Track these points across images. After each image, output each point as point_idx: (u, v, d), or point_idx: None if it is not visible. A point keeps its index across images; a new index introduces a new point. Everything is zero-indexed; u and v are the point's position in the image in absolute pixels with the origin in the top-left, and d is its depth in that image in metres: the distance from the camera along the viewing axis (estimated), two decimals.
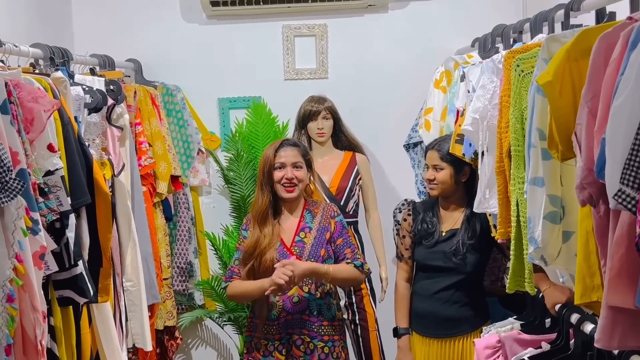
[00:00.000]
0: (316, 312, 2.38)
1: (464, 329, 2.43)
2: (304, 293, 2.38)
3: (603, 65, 1.27)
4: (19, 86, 1.61)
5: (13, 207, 1.47)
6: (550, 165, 1.55)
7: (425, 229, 2.50)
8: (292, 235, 2.42)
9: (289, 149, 2.42)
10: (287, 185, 2.38)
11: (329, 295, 2.44)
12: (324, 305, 2.40)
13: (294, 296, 2.36)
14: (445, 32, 3.37)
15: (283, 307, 2.36)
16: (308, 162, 2.45)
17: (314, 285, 2.39)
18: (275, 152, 2.40)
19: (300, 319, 2.37)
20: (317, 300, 2.39)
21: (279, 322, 2.37)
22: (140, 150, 2.75)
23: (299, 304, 2.37)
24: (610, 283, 1.22)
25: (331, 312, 2.42)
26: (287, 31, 3.44)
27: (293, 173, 2.37)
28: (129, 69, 3.26)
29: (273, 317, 2.37)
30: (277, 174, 2.38)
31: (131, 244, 2.38)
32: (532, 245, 1.62)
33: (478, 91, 2.13)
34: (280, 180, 2.38)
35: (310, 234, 2.42)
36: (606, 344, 1.27)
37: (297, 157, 2.41)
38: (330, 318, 2.41)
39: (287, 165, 2.38)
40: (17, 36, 2.18)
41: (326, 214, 2.46)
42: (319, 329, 2.38)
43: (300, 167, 2.40)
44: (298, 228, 2.43)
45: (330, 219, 2.45)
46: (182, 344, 3.44)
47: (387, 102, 3.44)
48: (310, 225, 2.43)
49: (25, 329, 1.55)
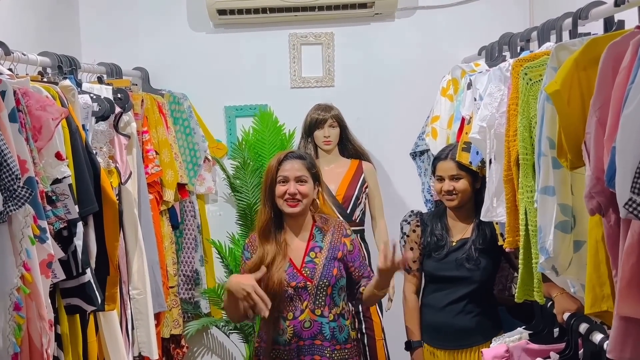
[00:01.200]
0: (329, 336, 2.21)
1: (477, 340, 2.40)
2: (316, 316, 2.21)
3: (612, 73, 1.26)
4: (27, 94, 1.62)
5: (21, 215, 1.48)
6: (560, 174, 1.54)
7: (436, 242, 2.47)
8: (301, 256, 2.25)
9: (294, 162, 2.25)
10: (290, 201, 2.21)
11: (342, 316, 2.27)
12: (337, 328, 2.23)
13: (306, 320, 2.21)
14: (451, 41, 3.37)
15: (294, 332, 2.20)
16: (314, 176, 2.28)
17: (327, 308, 2.22)
18: (278, 165, 2.25)
19: (312, 345, 2.21)
20: (330, 323, 2.22)
21: (290, 347, 2.21)
22: (147, 159, 2.75)
23: (310, 329, 2.21)
24: (621, 293, 1.21)
25: (344, 334, 2.25)
26: (294, 39, 3.45)
27: (296, 188, 2.21)
28: (136, 77, 3.28)
29: (283, 342, 2.21)
30: (280, 189, 2.22)
31: (138, 252, 2.38)
32: (543, 255, 1.61)
33: (485, 99, 2.12)
34: (282, 195, 2.21)
35: (321, 254, 2.25)
36: (618, 355, 1.26)
37: (302, 170, 2.24)
38: (343, 341, 2.25)
39: (290, 179, 2.21)
40: (25, 45, 2.19)
41: (337, 232, 2.31)
42: (332, 354, 2.21)
43: (305, 182, 2.23)
44: (307, 248, 2.27)
45: (343, 237, 2.30)
46: (188, 353, 3.43)
47: (394, 110, 3.44)
48: (320, 245, 2.27)
49: (32, 337, 1.55)
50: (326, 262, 2.24)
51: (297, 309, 2.21)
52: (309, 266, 2.24)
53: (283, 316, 2.21)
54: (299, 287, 2.21)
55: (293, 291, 2.21)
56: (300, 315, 2.21)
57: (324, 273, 2.22)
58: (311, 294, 2.21)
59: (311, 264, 2.24)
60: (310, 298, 2.21)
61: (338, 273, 2.24)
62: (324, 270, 2.22)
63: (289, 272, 2.22)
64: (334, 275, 2.23)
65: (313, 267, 2.23)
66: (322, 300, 2.22)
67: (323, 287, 2.21)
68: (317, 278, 2.21)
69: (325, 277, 2.22)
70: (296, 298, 2.21)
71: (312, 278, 2.22)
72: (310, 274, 2.22)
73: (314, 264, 2.24)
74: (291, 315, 2.21)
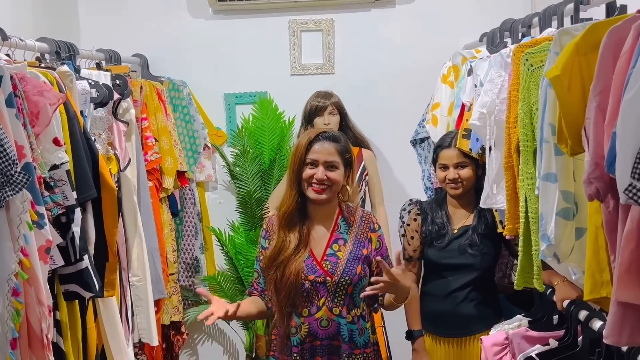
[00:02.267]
0: (347, 338, 2.04)
1: (479, 328, 2.40)
2: (334, 316, 2.03)
3: (612, 59, 1.25)
4: (24, 80, 1.61)
5: (18, 200, 1.47)
6: (563, 160, 1.53)
7: (437, 230, 2.45)
8: (323, 247, 2.07)
9: (326, 143, 2.03)
10: (317, 187, 2.02)
11: (362, 318, 2.08)
12: (356, 330, 2.06)
13: (323, 319, 2.03)
14: (452, 27, 3.35)
15: (309, 331, 2.03)
16: (347, 162, 2.07)
17: (345, 308, 2.04)
18: (307, 145, 2.03)
19: (329, 345, 2.04)
20: (348, 324, 2.05)
21: (303, 347, 2.04)
22: (147, 146, 2.75)
23: (328, 328, 2.04)
24: (619, 278, 1.20)
25: (363, 337, 2.07)
26: (294, 26, 3.43)
27: (325, 174, 2.01)
28: (135, 64, 3.26)
29: (297, 342, 2.03)
30: (307, 172, 2.02)
31: (137, 239, 2.38)
32: (545, 243, 1.61)
33: (486, 85, 2.11)
34: (309, 180, 2.02)
35: (345, 248, 2.07)
36: (615, 340, 1.26)
37: (333, 155, 2.03)
38: (363, 345, 2.07)
39: (320, 163, 2.02)
40: (23, 30, 2.18)
41: (365, 225, 2.12)
42: (349, 357, 2.04)
43: (335, 168, 2.03)
44: (330, 239, 2.08)
45: (370, 232, 2.12)
46: (188, 339, 3.44)
47: (394, 97, 3.43)
48: (345, 237, 2.09)
49: (31, 323, 1.55)
50: (350, 258, 2.05)
51: (314, 305, 2.04)
52: (331, 260, 2.05)
53: (297, 312, 2.04)
54: (317, 281, 2.03)
55: (310, 285, 2.03)
56: (316, 312, 2.03)
57: (346, 270, 2.03)
58: (330, 290, 2.03)
59: (333, 257, 2.06)
60: (328, 295, 2.03)
61: (362, 272, 2.06)
62: (347, 266, 2.04)
63: (308, 263, 2.04)
64: (357, 274, 2.04)
65: (335, 262, 2.05)
66: (340, 299, 2.04)
67: (343, 285, 2.03)
68: (339, 274, 2.03)
69: (347, 275, 2.03)
70: (313, 293, 2.03)
71: (333, 274, 2.03)
72: (332, 268, 2.04)
73: (336, 257, 2.05)
74: (306, 312, 2.04)
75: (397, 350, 3.00)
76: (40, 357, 1.56)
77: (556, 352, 1.86)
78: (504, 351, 2.06)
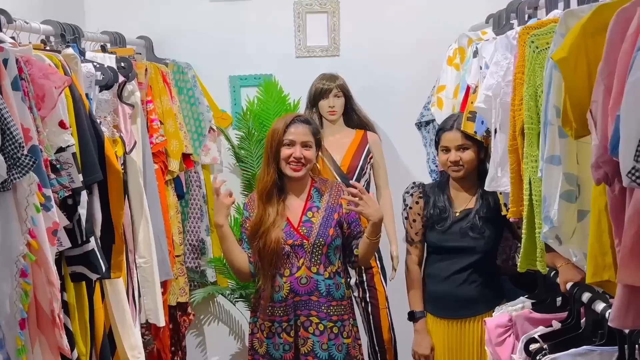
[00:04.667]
0: (325, 292, 2.32)
1: (480, 309, 2.42)
2: (312, 274, 2.32)
3: (620, 41, 1.23)
4: (29, 63, 1.61)
5: (25, 183, 1.48)
6: (567, 143, 1.52)
7: (438, 214, 2.46)
8: (299, 215, 2.35)
9: (300, 126, 2.32)
10: (294, 165, 2.30)
11: (337, 274, 2.37)
12: (333, 285, 2.34)
13: (302, 277, 2.31)
14: (459, 8, 3.31)
15: (290, 288, 2.30)
16: (318, 142, 2.36)
17: (322, 266, 2.32)
18: (285, 128, 2.30)
19: (308, 300, 2.32)
20: (325, 280, 2.33)
21: (287, 303, 2.31)
22: (152, 128, 2.75)
23: (307, 285, 2.32)
24: (622, 261, 1.20)
25: (340, 291, 2.36)
26: (299, 8, 3.41)
27: (302, 152, 2.29)
28: (140, 46, 3.25)
29: (280, 298, 2.31)
30: (285, 152, 2.30)
31: (143, 221, 2.39)
32: (547, 225, 1.61)
33: (491, 68, 2.10)
34: (287, 159, 2.30)
35: (318, 214, 2.35)
36: (620, 323, 1.26)
37: (308, 135, 2.32)
38: (339, 298, 2.35)
39: (297, 143, 2.29)
40: (27, 12, 2.17)
41: (335, 193, 2.39)
42: (327, 309, 2.33)
43: (310, 147, 2.32)
44: (305, 207, 2.36)
45: (341, 198, 2.37)
46: (195, 320, 3.48)
47: (399, 79, 3.41)
48: (317, 205, 2.37)
49: (40, 303, 1.57)
50: (322, 222, 2.33)
51: (294, 265, 2.31)
52: (306, 225, 2.33)
53: (280, 273, 2.31)
54: (296, 244, 2.30)
55: (290, 248, 2.30)
56: (297, 272, 2.30)
57: (320, 232, 2.31)
58: (307, 251, 2.31)
59: (308, 223, 2.33)
60: (306, 256, 2.31)
61: (334, 233, 2.33)
62: (320, 229, 2.31)
63: (286, 230, 2.31)
64: (330, 235, 2.32)
65: (310, 226, 2.32)
66: (317, 259, 2.31)
67: (319, 246, 2.30)
68: (314, 237, 2.30)
69: (321, 236, 2.31)
70: (293, 255, 2.31)
71: (309, 236, 2.31)
72: (307, 232, 2.31)
73: (310, 223, 2.33)
74: (288, 272, 2.31)
75: (401, 332, 3.02)
76: (51, 335, 1.59)
77: (559, 334, 1.87)
78: (508, 332, 2.07)
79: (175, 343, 3.21)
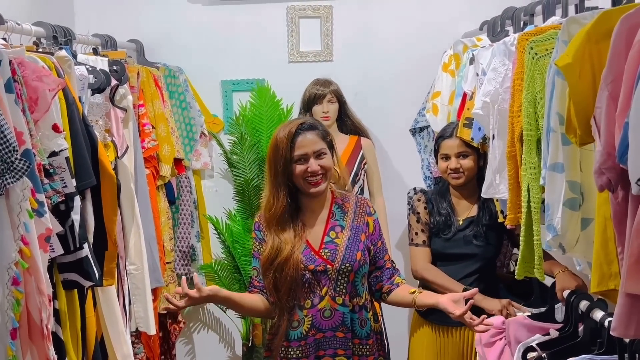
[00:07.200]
0: (351, 327, 1.98)
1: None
2: (337, 305, 1.96)
3: (624, 47, 1.23)
4: (23, 65, 1.57)
5: (18, 188, 1.44)
6: (570, 150, 1.52)
7: (444, 222, 2.45)
8: (320, 236, 2.00)
9: (308, 134, 1.94)
10: (313, 179, 1.93)
11: (364, 308, 2.02)
12: (357, 320, 2.00)
13: (326, 309, 1.96)
14: (453, 15, 3.32)
15: (312, 323, 1.96)
16: (330, 145, 2.00)
17: (348, 296, 1.98)
18: (291, 143, 1.92)
19: (333, 337, 1.97)
20: (352, 313, 1.99)
21: (307, 341, 1.96)
22: (144, 132, 2.71)
23: (331, 319, 1.97)
24: (628, 270, 1.19)
25: (366, 328, 2.02)
26: (292, 12, 3.39)
27: (317, 164, 1.93)
28: (131, 49, 3.21)
29: (298, 335, 1.96)
30: (299, 168, 1.93)
31: (135, 227, 2.35)
32: (551, 233, 1.60)
33: (489, 74, 2.09)
34: (302, 175, 1.93)
35: (343, 234, 2.00)
36: (622, 332, 1.25)
37: (318, 143, 1.94)
38: (365, 336, 2.01)
39: (310, 156, 1.93)
40: (17, 14, 2.13)
41: (360, 209, 2.05)
42: (355, 348, 1.99)
43: (324, 154, 1.95)
44: (327, 227, 2.01)
45: (367, 216, 2.05)
46: (185, 328, 3.43)
47: (393, 85, 3.40)
48: (342, 224, 2.02)
49: (31, 312, 1.53)
50: (349, 244, 1.99)
51: (316, 295, 1.97)
52: (329, 247, 1.98)
53: (300, 305, 1.97)
54: (318, 270, 1.96)
55: (311, 275, 1.96)
56: (319, 302, 1.96)
57: (346, 256, 1.97)
58: (331, 279, 1.96)
59: (331, 244, 1.99)
60: (330, 284, 1.96)
61: (362, 258, 1.99)
62: (347, 252, 1.97)
63: (306, 254, 1.96)
64: (357, 260, 1.97)
65: (334, 249, 1.98)
66: (343, 288, 1.97)
67: (345, 272, 1.96)
68: (339, 261, 1.96)
69: (348, 261, 1.96)
70: (314, 284, 1.96)
71: (333, 261, 1.96)
72: (331, 256, 1.97)
73: (334, 244, 1.98)
74: (309, 303, 1.96)
75: (395, 340, 3.00)
76: (40, 347, 1.54)
77: (557, 342, 1.86)
78: (499, 335, 2.05)
79: (165, 351, 3.17)
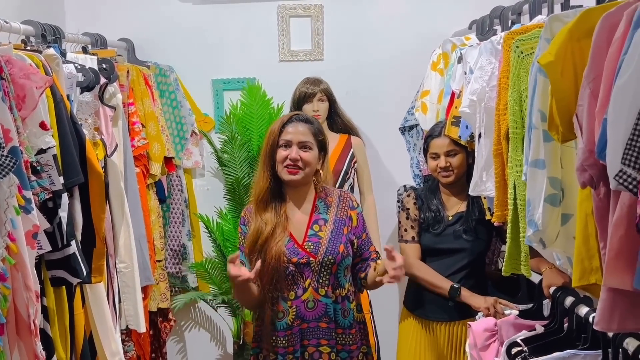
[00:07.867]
0: (334, 317, 2.04)
1: (471, 312, 2.42)
2: (320, 296, 2.02)
3: (606, 45, 1.25)
4: (10, 62, 1.58)
5: (5, 184, 1.45)
6: (551, 147, 1.54)
7: (434, 217, 2.47)
8: (303, 229, 2.05)
9: (299, 125, 2.04)
10: (290, 167, 2.01)
11: (347, 299, 2.07)
12: (340, 310, 2.05)
13: (309, 300, 2.01)
14: (442, 14, 3.34)
15: (297, 314, 2.01)
16: (321, 144, 2.07)
17: (330, 287, 2.03)
18: (281, 127, 2.03)
19: (317, 327, 2.02)
20: (334, 304, 2.04)
21: (292, 331, 2.01)
22: (134, 131, 2.71)
23: (314, 309, 2.02)
24: (608, 264, 1.21)
25: (349, 318, 2.07)
26: (282, 11, 3.40)
27: (299, 154, 2.00)
28: (122, 48, 3.21)
29: (284, 326, 2.01)
30: (281, 153, 2.02)
31: (124, 225, 2.36)
32: (532, 228, 1.62)
33: (476, 73, 2.11)
34: (283, 161, 2.01)
35: (326, 227, 2.05)
36: (605, 326, 1.27)
37: (307, 135, 2.03)
38: (348, 326, 2.06)
39: (294, 143, 2.01)
40: (6, 12, 2.13)
41: (343, 203, 2.11)
42: (338, 337, 2.05)
43: (309, 149, 2.03)
44: (310, 220, 2.07)
45: (350, 210, 2.11)
46: (176, 326, 3.43)
47: (383, 84, 3.42)
48: (325, 217, 2.07)
49: (18, 308, 1.53)
50: (331, 237, 2.04)
51: (300, 287, 2.02)
52: (313, 240, 2.04)
53: (283, 296, 2.02)
54: (301, 263, 2.01)
55: (294, 268, 2.01)
56: (302, 294, 2.01)
57: (329, 249, 2.02)
58: (314, 271, 2.02)
59: (315, 237, 2.04)
60: (313, 276, 2.02)
61: (344, 250, 2.04)
62: (329, 245, 2.03)
63: (289, 247, 2.01)
64: (340, 253, 2.03)
65: (317, 242, 2.03)
66: (325, 279, 2.03)
67: (327, 265, 2.02)
68: (322, 254, 2.01)
69: (331, 254, 2.02)
70: (298, 276, 2.02)
71: (316, 253, 2.02)
72: (314, 249, 2.02)
73: (317, 237, 2.04)
74: (293, 295, 2.02)
75: (385, 337, 3.02)
76: (28, 343, 1.55)
77: (541, 337, 1.87)
78: (493, 337, 2.07)
79: (156, 349, 3.17)
